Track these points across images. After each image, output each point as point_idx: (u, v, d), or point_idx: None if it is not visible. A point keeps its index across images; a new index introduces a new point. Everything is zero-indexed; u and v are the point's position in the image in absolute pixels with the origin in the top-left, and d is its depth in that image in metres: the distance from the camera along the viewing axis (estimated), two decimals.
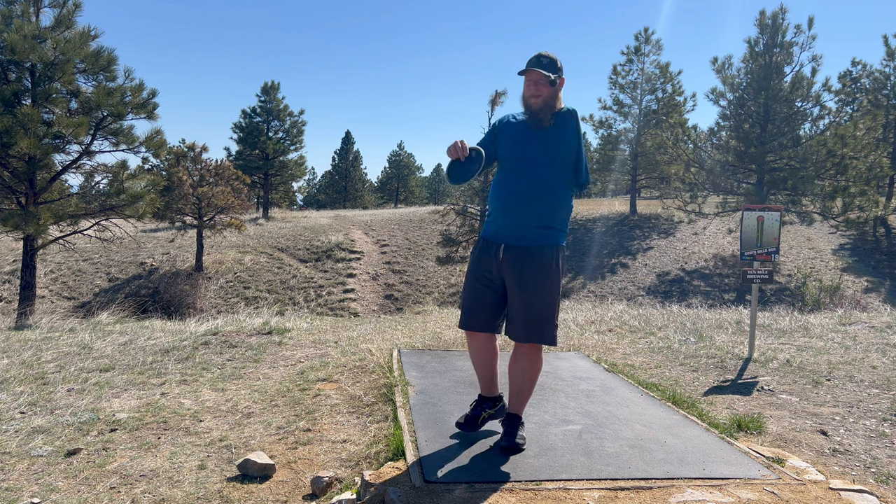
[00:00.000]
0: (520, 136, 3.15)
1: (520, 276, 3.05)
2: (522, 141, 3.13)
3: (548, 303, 3.06)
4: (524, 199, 3.07)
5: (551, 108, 3.09)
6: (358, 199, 57.89)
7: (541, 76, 3.05)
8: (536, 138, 3.11)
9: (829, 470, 3.16)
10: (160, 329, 7.01)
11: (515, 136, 3.17)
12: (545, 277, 3.05)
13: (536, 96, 3.08)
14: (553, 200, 3.09)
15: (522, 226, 3.08)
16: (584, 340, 6.57)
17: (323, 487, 2.88)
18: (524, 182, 3.08)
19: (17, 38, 11.81)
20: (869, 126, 22.44)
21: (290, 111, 35.62)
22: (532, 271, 3.05)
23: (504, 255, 3.09)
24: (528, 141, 3.12)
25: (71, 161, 13.54)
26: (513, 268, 3.07)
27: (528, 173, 3.08)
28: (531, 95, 3.09)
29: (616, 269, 24.86)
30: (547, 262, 3.07)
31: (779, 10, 22.06)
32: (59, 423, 3.71)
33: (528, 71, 3.08)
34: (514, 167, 3.14)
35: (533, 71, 3.06)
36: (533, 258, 3.05)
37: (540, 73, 3.05)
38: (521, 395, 3.20)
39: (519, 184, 3.10)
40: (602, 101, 33.03)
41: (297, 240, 27.33)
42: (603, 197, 47.94)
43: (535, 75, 3.06)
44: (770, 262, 5.73)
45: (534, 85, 3.08)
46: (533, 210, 3.07)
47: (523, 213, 3.07)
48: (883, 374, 5.03)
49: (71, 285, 21.92)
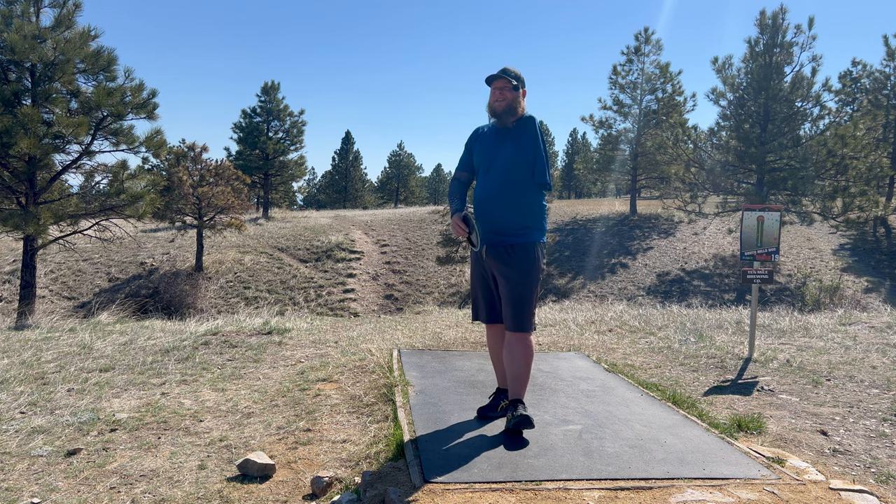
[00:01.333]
0: (488, 146, 3.48)
1: (502, 272, 3.37)
2: (490, 150, 3.46)
3: (526, 294, 3.36)
4: (493, 203, 3.38)
5: (513, 112, 3.41)
6: (358, 199, 57.89)
7: (505, 83, 3.42)
8: (501, 147, 3.42)
9: (829, 470, 3.16)
10: (160, 329, 7.01)
11: (484, 146, 3.50)
12: (524, 272, 3.36)
13: (501, 100, 3.42)
14: (519, 202, 3.38)
15: (497, 227, 3.38)
16: (584, 340, 6.57)
17: (323, 487, 2.88)
18: (492, 188, 3.40)
19: (17, 38, 11.81)
20: (869, 126, 22.45)
21: (290, 111, 35.61)
22: (513, 266, 3.35)
23: (488, 255, 3.41)
24: (494, 150, 3.44)
25: (71, 161, 13.54)
26: (497, 265, 3.40)
27: (495, 180, 3.40)
28: (496, 100, 3.44)
29: (616, 269, 24.86)
30: (525, 258, 3.36)
31: (779, 10, 22.06)
32: (59, 423, 3.71)
33: (496, 79, 3.43)
34: (483, 175, 3.47)
35: (500, 79, 3.43)
36: (512, 255, 3.36)
37: (505, 80, 3.42)
38: (518, 379, 3.42)
39: (488, 190, 3.41)
40: (602, 101, 32.98)
41: (297, 240, 27.33)
42: (603, 197, 47.96)
43: (501, 83, 3.43)
44: (770, 262, 5.73)
45: (498, 91, 3.43)
46: (503, 213, 3.36)
47: (495, 216, 3.38)
48: (883, 374, 5.03)
49: (71, 285, 21.92)
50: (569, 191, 67.63)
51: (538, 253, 3.40)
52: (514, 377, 3.42)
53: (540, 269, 3.41)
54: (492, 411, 3.64)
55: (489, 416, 3.61)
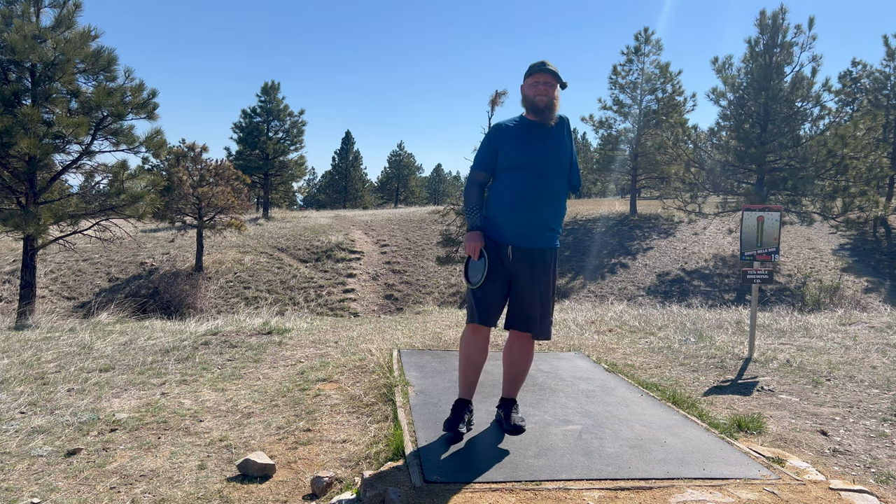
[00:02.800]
0: (522, 141, 3.24)
1: (530, 275, 3.22)
2: (525, 145, 3.23)
3: (549, 300, 3.30)
4: (531, 202, 3.19)
5: (554, 109, 3.24)
6: (358, 199, 57.89)
7: (550, 78, 3.22)
8: (538, 143, 3.23)
9: (829, 470, 3.16)
10: (160, 329, 7.01)
11: (517, 141, 3.25)
12: (548, 276, 3.27)
13: (544, 95, 3.21)
14: (556, 203, 3.25)
15: (529, 228, 3.21)
16: (584, 340, 6.57)
17: (323, 487, 2.88)
18: (530, 186, 3.19)
19: (18, 38, 11.81)
20: (869, 126, 22.43)
21: (290, 111, 35.62)
22: (539, 271, 3.24)
23: (514, 256, 3.22)
24: (530, 145, 3.23)
25: (71, 161, 13.54)
26: (523, 268, 3.22)
27: (532, 177, 3.19)
28: (539, 94, 3.22)
29: (616, 269, 24.85)
30: (549, 263, 3.28)
31: (779, 10, 22.05)
32: (59, 423, 3.71)
33: (540, 72, 3.22)
34: (519, 171, 3.22)
35: (544, 73, 3.22)
36: (540, 259, 3.24)
37: (550, 75, 3.22)
38: (517, 380, 3.43)
39: (525, 187, 3.19)
40: (602, 101, 32.99)
41: (297, 240, 27.33)
42: (603, 197, 47.95)
43: (545, 77, 3.22)
44: (770, 262, 5.73)
45: (543, 85, 3.22)
46: (538, 213, 3.21)
47: (530, 216, 3.20)
48: (883, 374, 5.03)
49: (71, 285, 21.92)
50: None
51: (557, 257, 3.40)
52: (514, 377, 3.43)
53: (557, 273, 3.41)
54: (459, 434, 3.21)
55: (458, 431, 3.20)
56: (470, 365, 3.36)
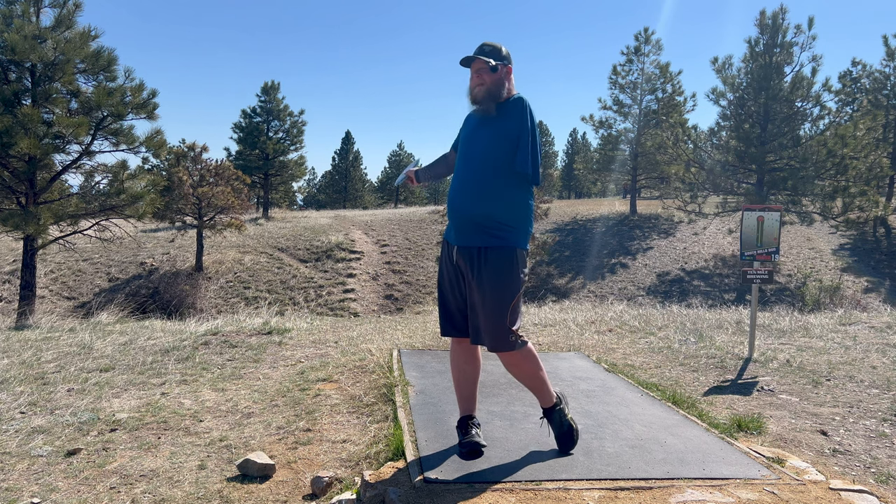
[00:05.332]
0: (468, 133, 3.04)
1: (474, 279, 2.87)
2: (469, 138, 3.02)
3: (498, 309, 2.83)
4: (465, 197, 2.92)
5: (495, 97, 2.92)
6: (358, 199, 57.89)
7: (482, 64, 2.93)
8: (481, 134, 2.96)
9: (829, 470, 3.16)
10: (160, 329, 7.01)
11: (466, 134, 3.06)
12: (499, 281, 2.83)
13: (480, 84, 2.94)
14: (494, 198, 2.86)
15: (468, 225, 2.90)
16: (584, 340, 6.57)
17: (323, 487, 2.88)
18: (464, 180, 2.95)
19: (18, 38, 11.82)
20: (869, 126, 22.44)
21: (290, 111, 35.62)
22: (486, 274, 2.84)
23: (457, 257, 2.95)
24: (473, 138, 2.99)
25: (71, 161, 13.55)
26: (467, 270, 2.91)
27: (468, 171, 2.94)
28: (475, 85, 2.97)
29: (616, 269, 24.85)
30: (500, 265, 2.84)
31: (779, 10, 22.06)
32: (59, 423, 3.71)
33: (472, 61, 2.97)
34: (458, 165, 3.03)
35: (476, 59, 2.95)
36: (486, 260, 2.85)
37: (481, 61, 2.93)
38: (535, 390, 3.11)
39: (460, 180, 2.97)
40: (602, 101, 32.98)
41: (297, 240, 27.33)
42: (603, 197, 47.96)
43: (478, 64, 2.95)
44: (770, 262, 5.73)
45: (476, 74, 2.97)
46: (475, 209, 2.88)
47: (466, 212, 2.90)
48: (883, 375, 5.03)
49: (71, 285, 21.92)
50: (569, 191, 67.63)
51: (518, 260, 2.88)
52: (529, 389, 3.14)
53: (520, 280, 2.90)
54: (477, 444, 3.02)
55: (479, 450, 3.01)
56: (457, 378, 3.16)
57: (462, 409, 3.18)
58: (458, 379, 3.17)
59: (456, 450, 3.09)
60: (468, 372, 3.14)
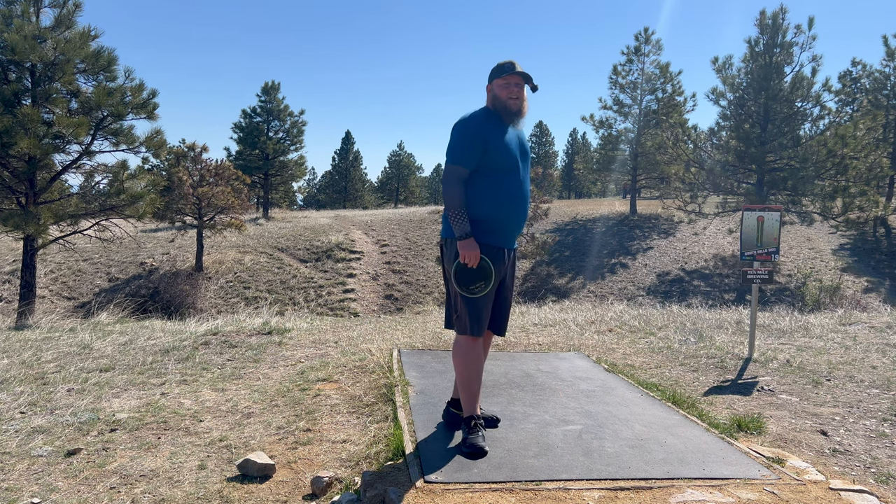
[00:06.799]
0: (510, 142, 3.17)
1: (509, 276, 3.33)
2: (513, 147, 3.18)
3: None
4: (520, 205, 3.21)
5: (524, 114, 3.24)
6: (358, 199, 57.90)
7: (521, 80, 3.18)
8: (515, 145, 3.20)
9: (829, 470, 3.16)
10: (160, 329, 7.01)
11: (506, 144, 3.14)
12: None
13: (517, 98, 3.17)
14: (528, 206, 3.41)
15: (518, 230, 3.31)
16: (584, 340, 6.57)
17: (323, 487, 2.88)
18: (522, 191, 3.23)
19: (18, 38, 11.81)
20: (869, 126, 22.44)
21: (290, 111, 35.61)
22: (513, 270, 3.38)
23: (508, 260, 3.28)
24: (515, 147, 3.20)
25: (71, 161, 13.54)
26: (509, 270, 3.33)
27: (522, 182, 3.22)
28: (513, 97, 3.15)
29: (616, 269, 24.85)
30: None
31: (779, 10, 22.05)
32: (59, 423, 3.71)
33: (511, 74, 3.14)
34: (507, 174, 3.13)
35: (515, 75, 3.15)
36: (513, 259, 3.36)
37: (520, 78, 3.17)
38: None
39: (520, 192, 3.20)
40: (602, 101, 33.01)
41: (297, 240, 27.33)
42: (603, 197, 47.96)
43: (517, 79, 3.16)
44: (770, 262, 5.73)
45: (515, 87, 3.16)
46: (524, 216, 3.30)
47: (520, 219, 3.24)
48: (883, 374, 5.03)
49: (71, 285, 21.92)
50: (569, 191, 67.60)
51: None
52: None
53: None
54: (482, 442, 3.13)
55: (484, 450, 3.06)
56: (475, 378, 3.20)
57: (474, 407, 3.21)
58: (480, 373, 3.26)
59: (456, 450, 3.09)
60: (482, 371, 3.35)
